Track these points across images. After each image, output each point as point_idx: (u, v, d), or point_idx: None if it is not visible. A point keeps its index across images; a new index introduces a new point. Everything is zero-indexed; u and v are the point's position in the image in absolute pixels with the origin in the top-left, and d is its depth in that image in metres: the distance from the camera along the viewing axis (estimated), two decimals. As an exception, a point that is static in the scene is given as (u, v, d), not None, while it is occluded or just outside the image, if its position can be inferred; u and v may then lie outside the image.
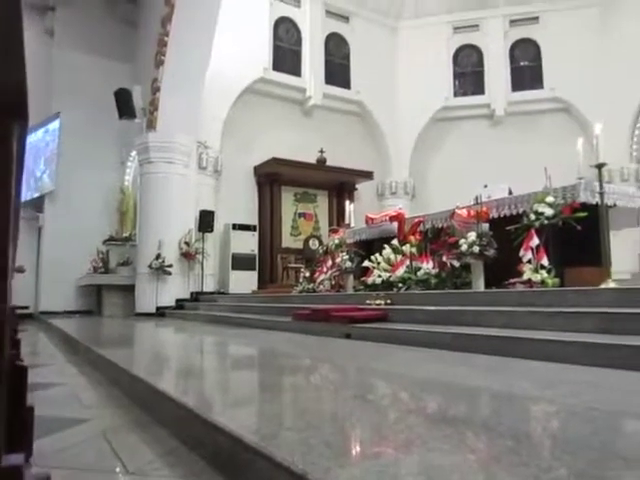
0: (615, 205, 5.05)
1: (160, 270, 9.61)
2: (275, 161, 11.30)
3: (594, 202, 4.61)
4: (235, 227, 11.07)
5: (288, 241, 12.09)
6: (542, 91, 13.20)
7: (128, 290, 10.26)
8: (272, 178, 11.81)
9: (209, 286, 10.56)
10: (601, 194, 4.35)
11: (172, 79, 9.79)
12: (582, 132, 10.69)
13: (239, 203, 11.55)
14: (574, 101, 12.76)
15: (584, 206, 4.62)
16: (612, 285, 3.83)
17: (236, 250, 10.97)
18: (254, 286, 11.03)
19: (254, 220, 11.65)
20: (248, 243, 11.17)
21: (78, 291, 11.17)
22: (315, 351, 3.92)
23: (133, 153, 11.18)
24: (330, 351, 3.86)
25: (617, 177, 11.83)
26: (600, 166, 4.34)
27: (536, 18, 13.38)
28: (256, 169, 11.88)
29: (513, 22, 13.55)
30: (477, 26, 13.82)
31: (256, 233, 11.39)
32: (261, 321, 6.23)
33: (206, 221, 10.31)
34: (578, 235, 4.41)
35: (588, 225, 4.42)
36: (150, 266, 9.62)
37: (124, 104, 9.90)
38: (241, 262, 10.96)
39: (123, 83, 10.28)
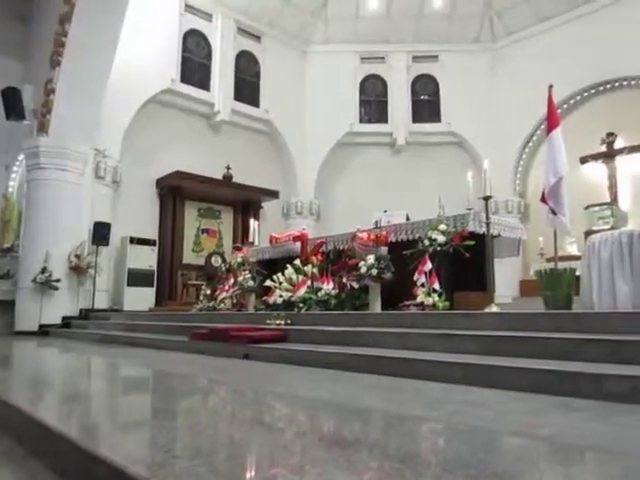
0: (499, 235, 5.48)
1: (46, 285, 8.89)
2: (179, 174, 11.00)
3: (481, 231, 4.97)
4: (133, 241, 10.56)
5: (189, 257, 11.75)
6: (439, 125, 14.13)
7: (6, 306, 9.34)
8: (175, 192, 11.46)
9: (101, 303, 9.93)
10: (487, 224, 4.72)
11: (69, 81, 9.23)
12: (473, 165, 11.57)
13: (139, 216, 11.05)
14: (467, 136, 13.80)
15: (472, 235, 4.97)
16: (495, 309, 4.14)
17: (133, 265, 10.45)
18: (151, 303, 10.56)
19: (154, 234, 11.20)
20: (147, 258, 10.69)
21: (-55, 306, 9.99)
22: (212, 372, 3.82)
23: (20, 157, 10.33)
24: (227, 372, 3.77)
25: (502, 209, 12.90)
26: (487, 198, 4.71)
27: (436, 57, 14.37)
28: (158, 182, 11.47)
29: (415, 58, 14.44)
30: (383, 58, 14.54)
31: (156, 248, 10.95)
32: (157, 341, 5.96)
33: (101, 233, 9.74)
34: (467, 261, 4.72)
35: (475, 252, 4.75)
36: (34, 280, 8.86)
37: (12, 104, 9.14)
38: (138, 278, 10.45)
39: (13, 82, 9.50)
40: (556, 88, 5.61)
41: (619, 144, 11.34)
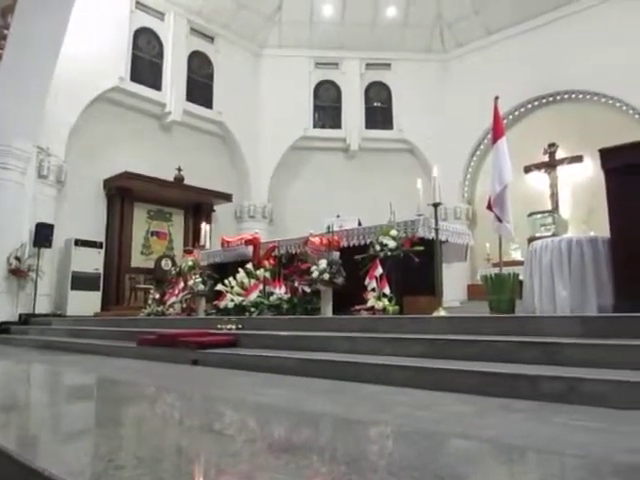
0: (448, 241, 5.63)
1: (-18, 288, 8.45)
2: (128, 175, 10.69)
3: (431, 237, 5.08)
4: (78, 243, 10.17)
5: (138, 260, 11.43)
6: (391, 132, 14.38)
7: (-61, 310, 8.83)
8: (124, 193, 11.13)
9: (43, 307, 9.52)
10: (436, 230, 4.83)
11: (10, 75, 8.80)
12: (424, 172, 11.84)
13: (84, 217, 10.66)
14: (418, 143, 14.11)
15: (422, 240, 5.08)
16: (442, 313, 4.24)
17: (78, 268, 10.06)
18: (97, 308, 10.20)
19: (101, 236, 10.83)
20: (92, 261, 10.33)
21: None
22: (159, 379, 3.73)
23: (-43, 154, 9.78)
24: (175, 379, 3.70)
25: (451, 215, 13.25)
26: (436, 205, 4.83)
27: (388, 65, 14.63)
28: (106, 182, 11.11)
29: (369, 65, 14.65)
30: (337, 64, 14.67)
31: (102, 250, 10.59)
32: (102, 347, 5.77)
33: (43, 235, 9.33)
34: (416, 266, 4.81)
35: (425, 258, 4.86)
36: (-30, 283, 8.41)
37: (-51, 97, 8.66)
38: (83, 281, 10.08)
39: (-51, 74, 9.00)
40: (502, 99, 5.83)
41: (560, 154, 11.89)
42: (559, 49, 11.90)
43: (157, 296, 7.78)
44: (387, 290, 4.81)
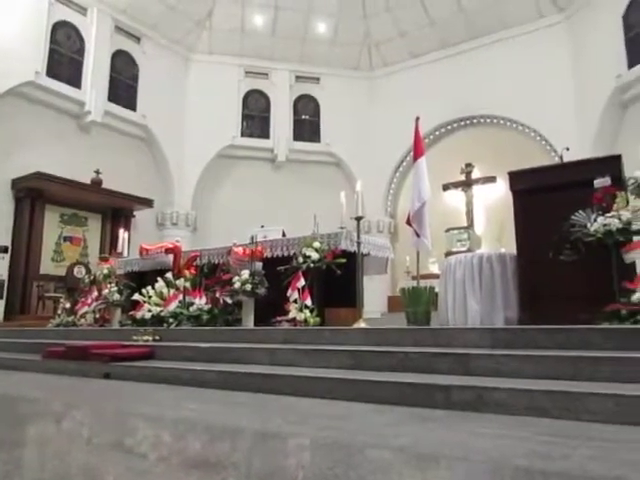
0: (369, 254, 5.76)
1: None
2: (39, 176, 10.04)
3: (352, 250, 5.18)
4: (-20, 247, 9.43)
5: (48, 267, 10.73)
6: (318, 144, 14.59)
7: None
8: (34, 194, 10.43)
9: (-64, 316, 8.71)
10: (358, 243, 4.94)
11: None
12: (349, 185, 12.06)
13: (-11, 219, 9.90)
14: (344, 157, 14.41)
15: (344, 253, 5.16)
16: (362, 325, 4.33)
17: (-22, 274, 9.32)
18: (-1, 317, 9.48)
19: (7, 240, 10.08)
20: (-4, 266, 9.61)
21: None
22: (67, 394, 3.52)
23: None
24: (85, 394, 3.50)
25: (374, 228, 13.62)
26: (359, 219, 4.93)
27: (317, 79, 14.86)
28: (15, 182, 10.38)
29: (298, 78, 14.80)
30: (266, 75, 14.69)
31: (7, 255, 9.86)
32: (3, 360, 5.35)
33: (-60, 237, 8.57)
34: (338, 278, 4.88)
35: (347, 270, 4.94)
36: None
37: None
38: (-17, 288, 9.34)
39: None
40: (424, 119, 6.08)
41: (476, 174, 12.60)
42: (475, 76, 12.67)
43: (68, 305, 7.34)
44: (309, 301, 4.84)
